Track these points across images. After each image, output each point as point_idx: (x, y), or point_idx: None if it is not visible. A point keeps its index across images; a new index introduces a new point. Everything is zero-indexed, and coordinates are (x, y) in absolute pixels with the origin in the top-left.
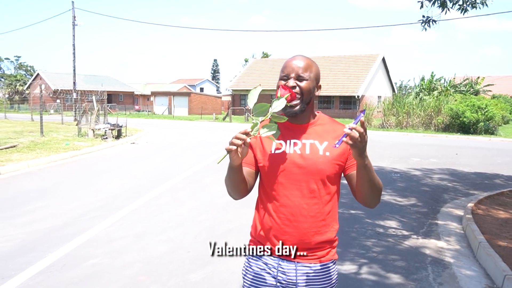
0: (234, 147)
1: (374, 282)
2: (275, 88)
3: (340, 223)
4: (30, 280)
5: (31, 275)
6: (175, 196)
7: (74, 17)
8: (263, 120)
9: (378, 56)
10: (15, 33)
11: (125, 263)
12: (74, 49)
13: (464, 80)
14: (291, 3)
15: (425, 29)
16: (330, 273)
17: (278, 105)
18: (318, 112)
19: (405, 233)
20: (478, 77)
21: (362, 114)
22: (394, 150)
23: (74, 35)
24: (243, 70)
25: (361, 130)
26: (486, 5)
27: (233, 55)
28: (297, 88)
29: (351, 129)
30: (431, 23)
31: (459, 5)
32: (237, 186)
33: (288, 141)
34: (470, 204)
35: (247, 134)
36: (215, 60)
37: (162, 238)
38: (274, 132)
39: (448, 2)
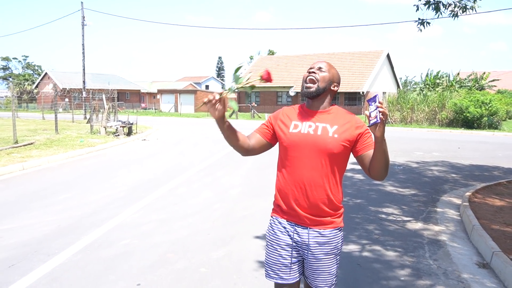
0: (206, 99)
1: (376, 258)
2: (281, 85)
3: (345, 210)
4: (72, 257)
5: (72, 253)
6: (190, 187)
7: (83, 17)
8: (237, 89)
9: (382, 53)
10: (22, 34)
11: (153, 244)
12: (83, 49)
13: (469, 76)
14: (295, 1)
15: (421, 30)
16: (336, 237)
17: (244, 77)
18: (334, 105)
19: (405, 218)
20: (484, 73)
21: (377, 95)
22: (398, 144)
23: (83, 35)
24: (249, 67)
25: (384, 107)
26: (475, 10)
27: (238, 52)
28: (316, 75)
29: (378, 107)
30: (425, 24)
31: (450, 10)
32: (228, 138)
33: (304, 123)
34: (468, 193)
35: (220, 94)
36: (219, 58)
37: (183, 223)
38: (234, 103)
39: (441, 7)
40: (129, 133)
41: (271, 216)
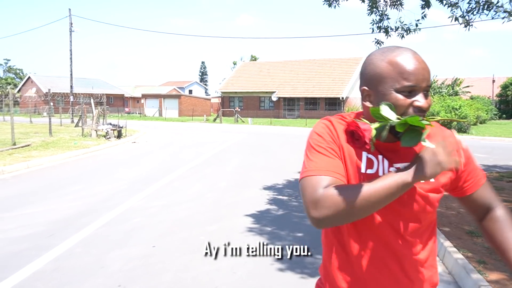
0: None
1: None
2: (264, 90)
3: None
4: (96, 230)
5: (95, 228)
6: (184, 181)
7: (71, 23)
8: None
9: (361, 59)
10: (6, 38)
11: (159, 221)
12: (71, 54)
13: (443, 82)
14: (278, 3)
15: (377, 48)
16: None
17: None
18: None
19: None
20: (458, 79)
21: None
22: None
23: (71, 41)
24: (232, 73)
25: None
26: (419, 30)
27: (220, 57)
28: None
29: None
30: (380, 44)
31: (398, 32)
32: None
33: (379, 157)
34: None
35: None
36: (203, 63)
37: (182, 207)
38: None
39: (390, 30)
40: (119, 136)
41: None
